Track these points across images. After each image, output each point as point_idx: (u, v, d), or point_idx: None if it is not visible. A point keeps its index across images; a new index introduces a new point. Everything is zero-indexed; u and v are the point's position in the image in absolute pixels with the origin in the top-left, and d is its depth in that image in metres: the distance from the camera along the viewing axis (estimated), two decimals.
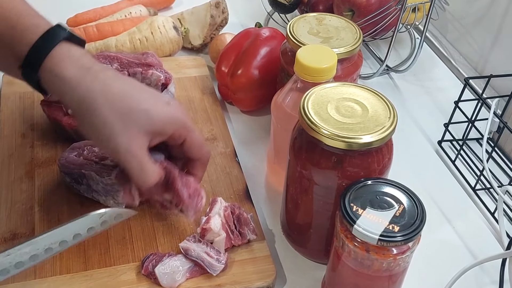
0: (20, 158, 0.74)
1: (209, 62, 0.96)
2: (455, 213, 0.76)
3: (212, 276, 0.63)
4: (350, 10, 0.90)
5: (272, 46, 0.83)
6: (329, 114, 0.57)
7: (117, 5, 1.05)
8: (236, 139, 0.83)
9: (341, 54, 0.70)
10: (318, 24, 0.76)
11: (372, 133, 0.56)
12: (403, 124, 0.86)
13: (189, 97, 0.88)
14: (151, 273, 0.62)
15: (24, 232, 0.66)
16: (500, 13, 0.92)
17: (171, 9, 1.12)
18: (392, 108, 0.59)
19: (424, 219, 0.53)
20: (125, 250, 0.65)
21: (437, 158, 0.84)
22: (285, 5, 0.99)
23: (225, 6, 0.97)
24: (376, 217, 0.53)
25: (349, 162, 0.56)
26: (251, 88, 0.82)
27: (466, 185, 0.80)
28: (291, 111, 0.67)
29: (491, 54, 0.95)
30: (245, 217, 0.66)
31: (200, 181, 0.66)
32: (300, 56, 0.64)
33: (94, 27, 0.96)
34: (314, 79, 0.64)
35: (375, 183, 0.56)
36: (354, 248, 0.53)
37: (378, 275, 0.55)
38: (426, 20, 0.90)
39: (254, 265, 0.65)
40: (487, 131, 0.76)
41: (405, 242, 0.52)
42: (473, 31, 0.99)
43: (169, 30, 0.94)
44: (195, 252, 0.63)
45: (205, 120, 0.84)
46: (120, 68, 0.77)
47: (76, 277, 0.62)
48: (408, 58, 1.01)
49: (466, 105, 0.81)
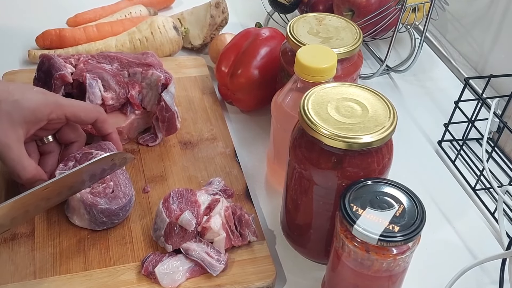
0: None
1: (209, 62, 0.96)
2: (455, 213, 0.76)
3: (212, 276, 0.63)
4: (350, 10, 0.90)
5: (272, 46, 0.83)
6: (329, 114, 0.57)
7: (117, 5, 1.05)
8: (236, 139, 0.83)
9: (341, 54, 0.70)
10: (318, 24, 0.76)
11: (372, 133, 0.56)
12: (403, 124, 0.86)
13: (189, 97, 0.88)
14: (151, 273, 0.62)
15: (24, 232, 0.66)
16: (500, 13, 0.92)
17: (171, 9, 1.12)
18: (392, 108, 0.59)
19: (424, 219, 0.53)
20: (125, 250, 0.65)
21: (437, 158, 0.84)
22: (285, 5, 0.99)
23: (225, 6, 0.97)
24: (376, 217, 0.53)
25: (349, 162, 0.56)
26: (251, 88, 0.82)
27: (466, 185, 0.80)
28: (291, 111, 0.67)
29: (491, 54, 0.95)
30: (247, 218, 0.66)
31: (117, 135, 0.70)
32: (300, 56, 0.64)
33: (94, 27, 0.96)
34: (314, 79, 0.64)
35: (375, 183, 0.56)
36: (354, 248, 0.53)
37: (378, 275, 0.55)
38: (426, 20, 0.90)
39: (254, 265, 0.65)
40: (487, 131, 0.76)
41: (405, 242, 0.52)
42: (473, 31, 0.99)
43: (169, 30, 0.94)
44: (195, 252, 0.63)
45: (205, 120, 0.84)
46: (120, 68, 0.77)
47: (76, 277, 0.62)
48: (408, 58, 1.01)
49: (466, 105, 0.81)
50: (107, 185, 0.67)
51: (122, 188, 0.67)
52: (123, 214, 0.67)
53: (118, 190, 0.67)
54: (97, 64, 0.76)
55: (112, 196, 0.66)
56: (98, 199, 0.65)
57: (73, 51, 0.92)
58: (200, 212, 0.66)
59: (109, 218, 0.65)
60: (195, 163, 0.77)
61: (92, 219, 0.65)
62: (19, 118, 0.60)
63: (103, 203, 0.65)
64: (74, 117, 0.65)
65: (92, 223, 0.65)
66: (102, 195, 0.66)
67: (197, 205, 0.66)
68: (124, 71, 0.77)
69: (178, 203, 0.66)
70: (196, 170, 0.76)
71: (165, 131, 0.78)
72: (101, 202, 0.65)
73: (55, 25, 0.97)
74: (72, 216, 0.66)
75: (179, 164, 0.77)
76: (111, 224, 0.66)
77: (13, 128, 0.60)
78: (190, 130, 0.82)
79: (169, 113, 0.76)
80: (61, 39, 0.94)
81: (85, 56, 0.77)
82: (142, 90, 0.77)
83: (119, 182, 0.68)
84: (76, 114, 0.65)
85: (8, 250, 0.64)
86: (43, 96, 0.63)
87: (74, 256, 0.64)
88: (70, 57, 0.76)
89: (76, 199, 0.64)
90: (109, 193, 0.66)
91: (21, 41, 0.97)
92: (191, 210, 0.65)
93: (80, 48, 0.93)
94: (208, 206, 0.67)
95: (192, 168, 0.76)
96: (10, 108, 0.60)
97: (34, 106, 0.61)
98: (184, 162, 0.77)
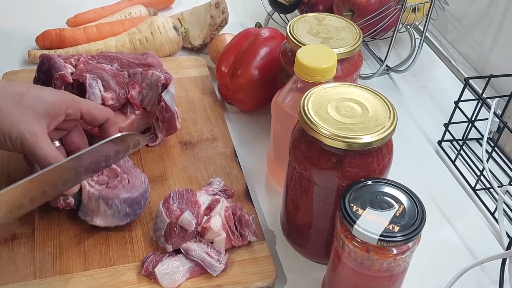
0: (20, 158, 0.74)
1: (209, 62, 0.96)
2: (455, 213, 0.76)
3: (212, 276, 0.63)
4: (350, 10, 0.90)
5: (272, 46, 0.83)
6: (329, 114, 0.57)
7: (117, 5, 1.06)
8: (236, 139, 0.83)
9: (341, 54, 0.70)
10: (318, 24, 0.76)
11: (372, 133, 0.56)
12: (403, 124, 0.86)
13: (189, 97, 0.88)
14: (151, 273, 0.62)
15: (24, 232, 0.66)
16: (500, 13, 0.92)
17: (171, 9, 1.12)
18: (392, 108, 0.59)
19: (424, 219, 0.53)
20: (125, 250, 0.65)
21: (437, 158, 0.84)
22: (285, 5, 0.99)
23: (225, 6, 0.97)
24: (376, 217, 0.53)
25: (349, 162, 0.56)
26: (251, 88, 0.82)
27: (466, 185, 0.80)
28: (291, 111, 0.67)
29: (491, 54, 0.95)
30: (247, 218, 0.66)
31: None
32: (300, 56, 0.64)
33: (94, 27, 0.96)
34: (314, 79, 0.64)
35: (375, 183, 0.56)
36: (354, 248, 0.53)
37: (378, 275, 0.55)
38: (426, 20, 0.90)
39: (254, 265, 0.65)
40: (487, 131, 0.76)
41: (405, 242, 0.52)
42: (473, 31, 0.99)
43: (169, 31, 0.94)
44: (195, 252, 0.63)
45: (205, 120, 0.84)
46: (120, 68, 0.77)
47: (76, 277, 0.62)
48: (408, 58, 1.01)
49: (466, 105, 0.81)
50: (121, 177, 0.67)
51: (137, 177, 0.68)
52: (144, 202, 0.67)
53: (134, 179, 0.67)
54: (97, 64, 0.76)
55: (130, 185, 0.66)
56: (118, 191, 0.65)
57: (73, 51, 0.92)
58: (200, 212, 0.66)
59: (132, 208, 0.65)
60: (195, 163, 0.77)
61: (115, 213, 0.65)
62: (41, 110, 0.62)
63: (124, 193, 0.65)
64: (88, 115, 0.66)
65: (116, 217, 0.65)
66: (120, 187, 0.66)
67: (197, 206, 0.66)
68: (124, 72, 0.77)
69: (178, 204, 0.66)
70: (196, 170, 0.76)
71: (165, 131, 0.78)
72: (121, 192, 0.65)
73: (55, 25, 0.97)
74: (92, 218, 0.66)
75: (179, 164, 0.77)
76: (133, 216, 0.66)
77: (38, 119, 0.61)
78: (190, 130, 0.82)
79: (169, 113, 0.76)
80: (61, 39, 0.94)
81: (85, 56, 0.77)
82: (142, 90, 0.77)
83: (132, 172, 0.68)
84: (90, 112, 0.66)
85: (8, 251, 0.64)
86: (60, 93, 0.66)
87: (74, 256, 0.64)
88: (70, 57, 0.76)
89: (95, 197, 0.64)
90: (126, 184, 0.67)
91: (21, 41, 0.97)
92: (191, 210, 0.65)
93: (80, 48, 0.93)
94: (208, 206, 0.67)
95: (192, 168, 0.76)
96: (32, 101, 0.62)
97: (54, 100, 0.63)
98: (184, 162, 0.77)
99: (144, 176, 0.69)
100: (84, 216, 0.66)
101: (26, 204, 0.58)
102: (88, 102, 0.68)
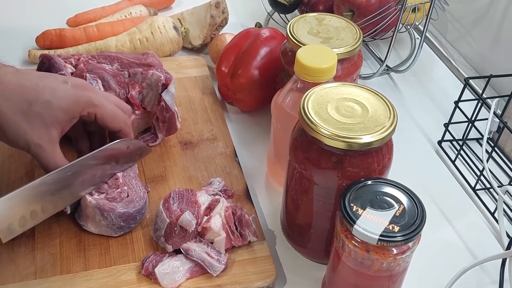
0: (20, 159, 0.74)
1: (209, 62, 0.96)
2: (455, 213, 0.76)
3: (212, 276, 0.63)
4: (350, 10, 0.91)
5: (272, 46, 0.83)
6: (329, 114, 0.57)
7: (117, 5, 1.06)
8: (236, 139, 0.83)
9: (341, 54, 0.70)
10: (318, 24, 0.76)
11: (372, 133, 0.56)
12: (403, 124, 0.86)
13: (189, 97, 0.88)
14: (151, 273, 0.62)
15: (24, 232, 0.66)
16: (500, 13, 0.92)
17: (171, 9, 1.12)
18: (392, 108, 0.59)
19: (424, 219, 0.53)
20: (125, 250, 0.65)
21: (437, 158, 0.84)
22: (285, 5, 0.99)
23: (225, 6, 0.97)
24: (376, 217, 0.53)
25: (349, 162, 0.56)
26: (251, 88, 0.82)
27: (466, 185, 0.80)
28: (291, 111, 0.67)
29: (491, 54, 0.95)
30: (247, 218, 0.66)
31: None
32: (300, 56, 0.64)
33: (94, 27, 0.96)
34: (314, 79, 0.64)
35: (375, 183, 0.56)
36: (354, 248, 0.53)
37: (378, 275, 0.55)
38: (426, 20, 0.90)
39: (254, 265, 0.65)
40: (487, 131, 0.76)
41: (405, 242, 0.52)
42: (473, 31, 0.99)
43: (169, 30, 0.94)
44: (195, 252, 0.63)
45: (205, 120, 0.84)
46: (121, 68, 0.77)
47: (76, 277, 0.62)
48: (408, 58, 1.01)
49: (466, 105, 0.81)
50: (121, 189, 0.67)
51: (137, 191, 0.68)
52: (139, 217, 0.67)
53: (133, 193, 0.67)
54: (97, 64, 0.76)
55: (128, 200, 0.66)
56: (115, 204, 0.65)
57: (73, 51, 0.92)
58: (200, 213, 0.66)
59: (126, 222, 0.65)
60: (195, 163, 0.77)
61: (110, 225, 0.65)
62: (51, 118, 0.60)
63: (121, 207, 0.65)
64: (101, 121, 0.65)
65: (109, 229, 0.65)
66: (118, 200, 0.66)
67: (197, 206, 0.66)
68: (124, 71, 0.77)
69: (179, 204, 0.66)
70: (196, 170, 0.76)
71: (165, 131, 0.78)
72: (118, 206, 0.65)
73: (55, 25, 0.97)
74: (86, 223, 0.66)
75: (179, 164, 0.77)
76: (128, 229, 0.66)
77: (46, 129, 0.60)
78: (190, 130, 0.82)
79: (169, 113, 0.76)
80: (61, 39, 0.94)
81: (85, 56, 0.77)
82: (142, 90, 0.77)
83: (133, 185, 0.68)
84: (104, 119, 0.65)
85: (9, 250, 0.64)
86: (75, 94, 0.62)
87: (74, 256, 0.64)
88: (70, 57, 0.76)
89: (91, 206, 0.64)
90: (125, 197, 0.66)
91: (21, 41, 0.97)
92: (191, 210, 0.65)
93: (80, 48, 0.93)
94: (208, 206, 0.67)
95: (192, 168, 0.76)
96: (41, 110, 0.59)
97: (66, 106, 0.61)
98: (184, 162, 0.77)
99: (144, 191, 0.68)
100: (79, 219, 0.66)
101: (39, 212, 0.59)
102: (106, 107, 0.65)
